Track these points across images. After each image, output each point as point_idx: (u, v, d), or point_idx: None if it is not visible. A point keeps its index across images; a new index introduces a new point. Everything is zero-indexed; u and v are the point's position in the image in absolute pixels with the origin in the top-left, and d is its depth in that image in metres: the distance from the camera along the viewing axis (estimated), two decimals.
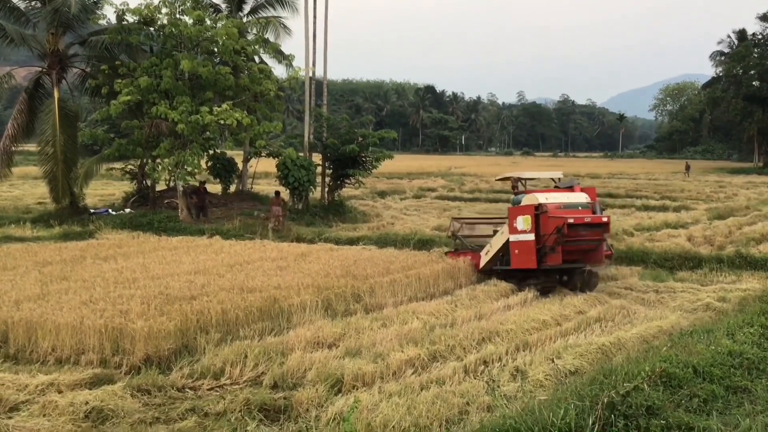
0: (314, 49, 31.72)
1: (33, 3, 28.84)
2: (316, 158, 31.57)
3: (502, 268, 16.74)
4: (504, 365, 10.30)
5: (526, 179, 18.14)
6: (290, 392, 9.31)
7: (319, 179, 31.42)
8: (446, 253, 18.80)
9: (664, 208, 33.84)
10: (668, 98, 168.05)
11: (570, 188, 17.14)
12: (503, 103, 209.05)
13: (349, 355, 10.60)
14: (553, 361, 9.98)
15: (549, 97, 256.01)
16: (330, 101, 39.12)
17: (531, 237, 15.61)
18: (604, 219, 16.12)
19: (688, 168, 66.27)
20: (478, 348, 11.22)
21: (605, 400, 6.67)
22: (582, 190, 17.13)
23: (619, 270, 18.89)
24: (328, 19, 32.48)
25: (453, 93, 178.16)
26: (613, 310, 14.01)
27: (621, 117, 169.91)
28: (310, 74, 32.03)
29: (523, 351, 11.05)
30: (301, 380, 9.76)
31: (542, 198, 15.98)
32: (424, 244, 21.85)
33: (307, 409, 8.79)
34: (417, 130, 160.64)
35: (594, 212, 16.24)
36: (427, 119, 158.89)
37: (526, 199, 16.16)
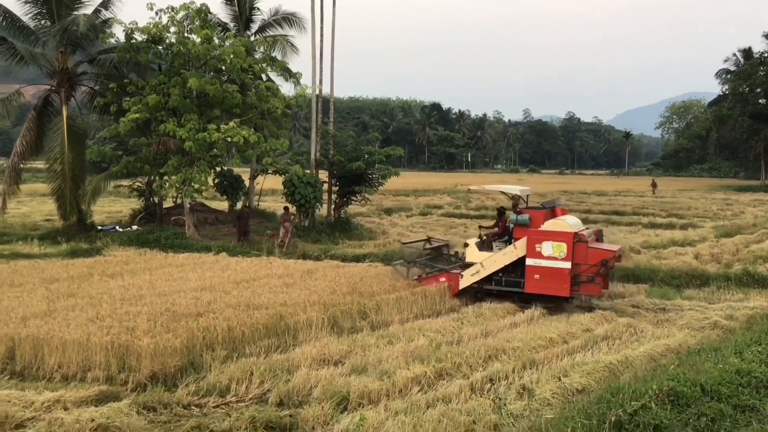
0: (321, 67, 31.94)
1: (43, 21, 29.08)
2: (323, 175, 31.64)
3: (503, 289, 16.50)
4: (511, 383, 10.26)
5: (511, 195, 17.94)
6: (296, 410, 9.30)
7: (325, 196, 31.47)
8: (418, 279, 17.19)
9: (671, 226, 33.75)
10: (674, 116, 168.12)
11: (552, 209, 17.14)
12: (509, 120, 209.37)
13: (355, 372, 10.58)
14: (560, 380, 9.93)
15: (555, 115, 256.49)
16: (336, 119, 39.29)
17: (566, 265, 15.54)
18: (622, 251, 16.69)
19: (654, 185, 66.16)
20: (484, 366, 11.19)
21: (612, 419, 6.65)
22: (562, 211, 17.30)
23: (626, 288, 18.83)
24: (335, 37, 32.74)
25: (459, 110, 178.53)
26: (620, 328, 13.95)
27: (627, 134, 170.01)
28: (317, 92, 32.18)
29: (530, 369, 11.00)
30: (306, 398, 9.75)
31: (572, 225, 15.96)
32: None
33: (313, 427, 8.77)
34: (423, 148, 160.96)
35: (598, 239, 16.60)
36: (433, 136, 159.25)
37: (556, 225, 15.91)
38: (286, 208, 27.40)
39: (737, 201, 53.05)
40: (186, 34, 27.89)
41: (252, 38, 33.59)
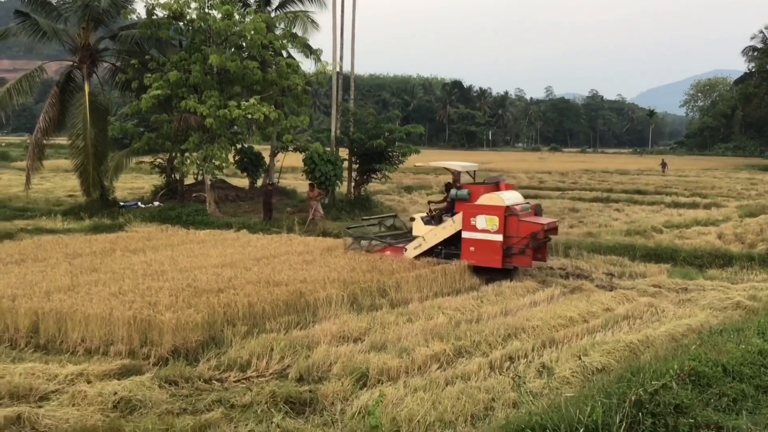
0: (342, 43, 31.76)
1: None
2: (343, 153, 31.60)
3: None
4: (530, 362, 10.25)
5: (453, 170, 18.80)
6: (316, 385, 9.36)
7: (345, 174, 31.45)
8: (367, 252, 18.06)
9: (694, 205, 33.38)
10: (699, 94, 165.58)
11: (496, 184, 17.91)
12: (531, 98, 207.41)
13: (374, 349, 10.62)
14: (579, 358, 9.89)
15: (577, 93, 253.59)
16: (357, 96, 39.15)
17: (498, 238, 16.30)
18: (556, 224, 17.96)
19: (664, 165, 65.14)
20: (503, 344, 11.18)
21: (633, 398, 6.60)
22: (506, 187, 18.05)
23: (647, 267, 18.68)
24: (356, 13, 32.51)
25: (480, 88, 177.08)
26: (641, 307, 13.86)
27: (651, 113, 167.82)
28: (338, 69, 32.05)
29: (550, 348, 10.97)
30: (326, 374, 9.80)
31: (506, 199, 16.64)
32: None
33: (333, 403, 8.83)
34: (444, 126, 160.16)
35: (536, 213, 17.40)
36: (454, 114, 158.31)
37: (489, 199, 16.70)
38: (312, 185, 27.39)
39: (762, 180, 52.33)
40: (207, 10, 27.86)
41: (272, 14, 33.45)
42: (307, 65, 51.38)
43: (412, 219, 18.44)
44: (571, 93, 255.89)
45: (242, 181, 36.71)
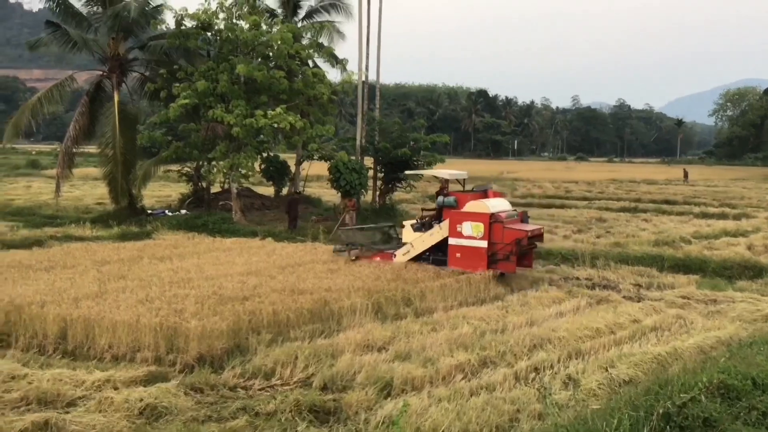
0: (367, 53, 31.92)
1: (95, 8, 29.63)
2: (368, 162, 31.67)
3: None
4: (556, 373, 10.15)
5: (441, 178, 19.36)
6: (340, 394, 9.35)
7: (370, 183, 31.50)
8: (355, 259, 18.31)
9: (723, 216, 32.89)
10: (728, 103, 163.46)
11: (484, 192, 18.39)
12: (557, 107, 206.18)
13: (398, 358, 10.60)
14: (606, 370, 9.79)
15: (604, 102, 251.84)
16: (382, 105, 39.24)
17: (482, 244, 16.71)
18: (542, 230, 18.34)
19: (686, 175, 64.39)
20: (529, 355, 11.09)
21: (660, 411, 6.52)
22: (494, 194, 18.50)
23: (676, 278, 18.45)
24: (382, 23, 32.67)
25: (506, 97, 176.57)
26: (669, 319, 13.67)
27: (679, 122, 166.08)
28: (363, 78, 32.18)
29: (576, 359, 10.87)
30: (350, 383, 9.79)
31: (491, 206, 17.07)
32: None
33: (357, 412, 8.81)
34: (469, 135, 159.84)
35: (522, 221, 17.83)
36: (479, 123, 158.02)
37: (475, 206, 17.06)
38: (348, 195, 27.49)
39: None
40: (234, 21, 28.14)
41: (299, 24, 33.71)
42: (333, 74, 51.57)
43: (403, 226, 18.82)
44: (597, 102, 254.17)
45: (268, 190, 36.91)
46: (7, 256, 18.26)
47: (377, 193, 32.00)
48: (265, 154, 32.47)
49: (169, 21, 29.65)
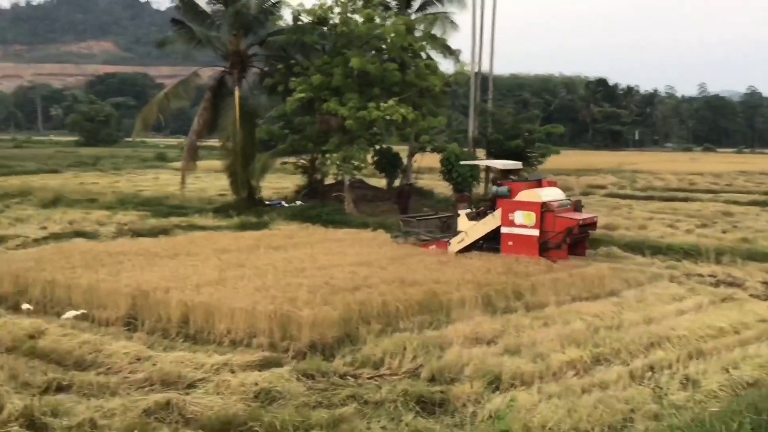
0: (481, 43, 31.65)
1: (217, 6, 30.82)
2: (480, 153, 31.39)
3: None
4: (674, 373, 9.76)
5: (496, 168, 20.00)
6: (447, 386, 9.36)
7: (482, 174, 31.20)
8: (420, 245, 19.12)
9: None
10: None
11: (538, 182, 18.75)
12: (682, 95, 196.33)
13: (507, 352, 10.49)
14: (728, 372, 9.29)
15: (734, 89, 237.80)
16: (496, 96, 38.76)
17: (534, 232, 17.19)
18: (595, 219, 18.84)
19: None
20: (645, 353, 10.71)
21: None
22: (549, 184, 18.82)
23: None
24: (496, 13, 32.23)
25: (627, 86, 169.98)
26: None
27: None
28: (476, 69, 31.90)
29: (696, 359, 10.38)
30: (458, 375, 9.77)
31: (543, 195, 17.48)
32: (590, 243, 21.04)
33: (464, 405, 8.80)
34: (587, 125, 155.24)
35: (576, 209, 18.30)
36: (597, 114, 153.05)
37: (527, 195, 17.54)
38: (461, 191, 27.46)
39: None
40: (349, 15, 28.54)
41: (413, 16, 33.75)
42: (446, 66, 51.37)
43: (458, 215, 19.23)
44: (727, 90, 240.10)
45: (380, 182, 37.25)
46: (136, 244, 19.41)
47: (489, 185, 31.64)
48: (377, 147, 32.79)
49: (287, 17, 30.46)
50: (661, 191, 39.93)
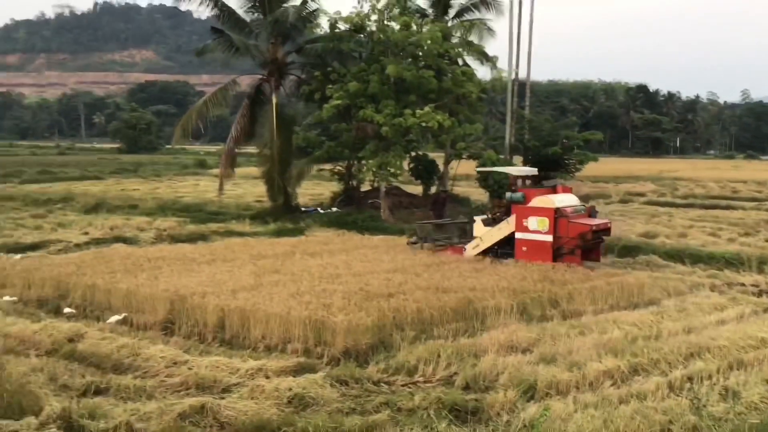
0: (518, 50, 31.47)
1: (255, 14, 31.17)
2: (517, 160, 31.18)
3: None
4: (714, 384, 9.55)
5: (519, 177, 19.78)
6: (482, 395, 9.29)
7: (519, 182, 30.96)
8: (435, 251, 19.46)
9: None
10: None
11: (553, 188, 18.84)
12: (725, 102, 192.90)
13: (543, 361, 10.37)
14: None
15: None
16: (533, 103, 38.54)
17: (548, 238, 17.24)
18: (609, 224, 18.57)
19: None
20: (685, 363, 10.49)
21: None
22: (563, 189, 18.84)
23: None
24: (533, 19, 32.03)
25: (668, 92, 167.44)
26: None
27: None
28: (513, 76, 31.73)
29: (737, 370, 10.15)
30: (493, 383, 9.69)
31: (557, 201, 17.54)
32: (629, 251, 20.78)
33: (498, 413, 8.71)
34: (626, 132, 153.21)
35: (590, 215, 18.22)
36: (638, 120, 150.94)
37: (541, 201, 17.62)
38: (497, 198, 27.32)
39: None
40: (386, 22, 28.63)
41: (449, 23, 33.73)
42: (483, 72, 51.20)
43: (474, 221, 19.45)
44: None
45: (416, 188, 37.22)
46: (175, 249, 19.67)
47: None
48: (413, 153, 32.79)
49: (324, 25, 30.68)
50: (702, 199, 39.16)
